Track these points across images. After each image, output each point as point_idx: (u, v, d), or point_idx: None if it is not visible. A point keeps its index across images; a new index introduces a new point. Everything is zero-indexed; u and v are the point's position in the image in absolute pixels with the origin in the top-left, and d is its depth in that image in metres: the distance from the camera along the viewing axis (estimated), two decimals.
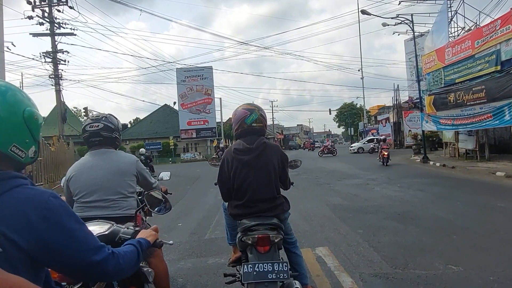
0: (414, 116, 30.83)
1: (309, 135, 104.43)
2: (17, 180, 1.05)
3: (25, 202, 1.02)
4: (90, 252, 1.10)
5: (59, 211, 1.06)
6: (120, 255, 1.20)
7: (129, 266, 1.25)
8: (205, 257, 4.52)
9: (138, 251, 1.33)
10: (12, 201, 1.00)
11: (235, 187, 2.56)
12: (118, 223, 2.05)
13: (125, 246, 1.33)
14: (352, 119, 72.94)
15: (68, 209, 1.10)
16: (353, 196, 8.65)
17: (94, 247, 1.12)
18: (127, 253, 1.26)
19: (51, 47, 21.18)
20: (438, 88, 17.34)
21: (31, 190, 1.06)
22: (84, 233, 1.12)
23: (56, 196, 1.09)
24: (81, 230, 1.12)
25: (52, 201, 1.06)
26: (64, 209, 1.08)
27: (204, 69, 41.58)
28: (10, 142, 1.08)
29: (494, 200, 7.21)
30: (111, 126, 2.50)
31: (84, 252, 1.09)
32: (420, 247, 4.39)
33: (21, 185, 1.05)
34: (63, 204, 1.09)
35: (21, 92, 1.15)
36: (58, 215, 1.06)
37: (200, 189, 11.74)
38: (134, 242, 1.37)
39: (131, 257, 1.27)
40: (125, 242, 1.40)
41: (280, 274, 2.23)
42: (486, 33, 13.47)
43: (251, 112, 2.60)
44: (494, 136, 17.31)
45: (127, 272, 1.25)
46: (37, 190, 1.07)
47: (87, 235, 1.13)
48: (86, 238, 1.11)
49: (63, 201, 1.10)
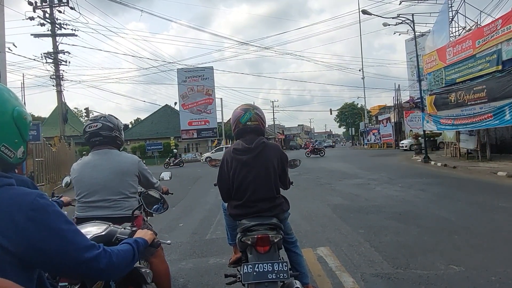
0: (415, 116, 30.81)
1: (310, 135, 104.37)
2: (1, 180, 1.02)
3: (10, 203, 0.99)
4: (80, 251, 1.08)
5: (46, 211, 1.03)
6: (113, 252, 1.19)
7: (123, 264, 1.23)
8: (206, 257, 4.52)
9: (134, 250, 1.31)
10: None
11: (234, 187, 2.56)
12: (119, 223, 2.05)
13: (120, 245, 1.33)
14: (353, 119, 72.82)
15: (55, 209, 1.07)
16: (354, 196, 8.63)
17: (84, 246, 1.10)
18: (121, 251, 1.24)
19: (52, 47, 21.23)
20: (439, 88, 17.31)
21: (17, 190, 1.03)
22: (73, 232, 1.09)
23: (43, 196, 1.06)
24: (70, 230, 1.09)
25: (39, 201, 1.03)
26: (51, 209, 1.05)
27: (205, 69, 41.61)
28: (0, 142, 1.06)
29: (495, 200, 7.19)
30: (110, 125, 2.51)
31: (74, 251, 1.07)
32: (421, 247, 4.38)
33: (6, 186, 1.02)
34: (51, 204, 1.06)
35: (9, 91, 1.13)
36: (45, 215, 1.03)
37: (201, 189, 11.74)
38: (130, 241, 1.37)
39: (126, 255, 1.26)
40: (122, 241, 1.39)
41: (280, 274, 2.23)
42: (487, 32, 13.44)
43: (246, 111, 2.63)
44: (495, 136, 17.27)
45: (122, 270, 1.23)
46: (23, 190, 1.04)
47: (76, 234, 1.10)
48: (75, 238, 1.09)
49: (51, 201, 1.08)
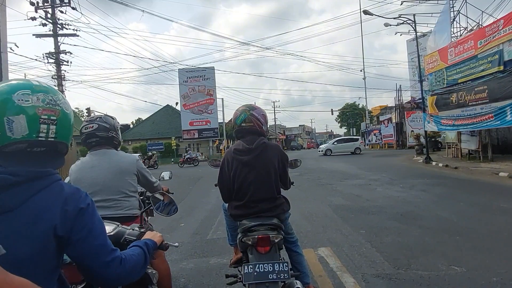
0: (416, 116, 30.75)
1: (311, 136, 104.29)
2: (56, 176, 1.13)
3: (65, 194, 1.10)
4: (105, 250, 1.15)
5: (91, 206, 1.15)
6: (127, 259, 1.20)
7: (136, 270, 1.23)
8: (207, 258, 4.52)
9: (145, 253, 1.30)
10: (55, 193, 1.09)
11: (235, 187, 2.57)
12: (121, 223, 2.05)
13: (131, 248, 1.31)
14: (354, 119, 72.83)
15: (95, 208, 1.18)
16: (355, 196, 8.63)
17: (109, 247, 1.17)
18: (134, 256, 1.24)
19: (53, 48, 21.28)
20: (440, 88, 17.28)
21: (69, 186, 1.15)
22: (104, 232, 1.18)
23: (88, 195, 1.18)
24: (102, 228, 1.18)
25: (88, 198, 1.16)
26: (93, 206, 1.17)
27: (206, 69, 41.61)
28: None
29: (497, 201, 7.18)
30: (106, 125, 2.50)
31: (101, 247, 1.14)
32: (422, 248, 4.37)
33: (58, 181, 1.13)
34: (93, 202, 1.17)
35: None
36: (89, 209, 1.14)
37: (202, 189, 11.74)
38: (141, 243, 1.34)
39: (138, 260, 1.25)
40: (131, 243, 1.37)
41: (280, 274, 2.23)
42: (489, 33, 13.41)
43: (241, 112, 2.66)
44: (497, 137, 17.22)
45: (134, 276, 1.23)
46: (73, 187, 1.17)
47: (106, 234, 1.19)
48: (105, 237, 1.18)
49: (92, 200, 1.18)
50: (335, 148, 31.27)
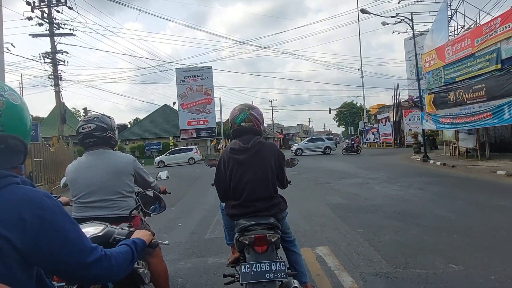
0: (414, 115, 30.83)
1: (309, 135, 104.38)
2: (9, 179, 1.03)
3: (19, 201, 1.00)
4: (83, 253, 1.09)
5: (53, 211, 1.05)
6: (112, 256, 1.18)
7: (122, 267, 1.22)
8: (205, 257, 4.51)
9: (133, 251, 1.30)
10: (6, 200, 0.98)
11: (231, 186, 2.56)
12: (117, 223, 2.04)
13: (119, 246, 1.31)
14: (352, 118, 72.96)
15: (62, 210, 1.09)
16: (353, 195, 8.63)
17: (87, 249, 1.11)
18: (120, 254, 1.23)
19: (50, 47, 21.19)
20: (438, 86, 17.31)
21: (25, 189, 1.04)
22: (77, 233, 1.11)
23: (50, 196, 1.08)
24: (75, 230, 1.10)
25: (46, 200, 1.04)
26: (58, 209, 1.07)
27: (203, 69, 41.59)
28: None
29: (494, 199, 7.20)
30: (104, 125, 2.48)
31: (78, 252, 1.08)
32: (420, 246, 4.37)
33: (14, 184, 1.03)
34: (57, 204, 1.08)
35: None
36: (52, 215, 1.04)
37: (200, 189, 11.73)
38: (128, 242, 1.35)
39: (125, 257, 1.25)
40: (120, 242, 1.37)
41: (277, 273, 2.22)
42: (486, 31, 13.44)
43: (240, 112, 2.63)
44: (494, 135, 17.28)
45: (121, 272, 1.22)
46: (30, 189, 1.05)
47: (81, 236, 1.12)
48: (80, 239, 1.10)
49: (57, 201, 1.09)
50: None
